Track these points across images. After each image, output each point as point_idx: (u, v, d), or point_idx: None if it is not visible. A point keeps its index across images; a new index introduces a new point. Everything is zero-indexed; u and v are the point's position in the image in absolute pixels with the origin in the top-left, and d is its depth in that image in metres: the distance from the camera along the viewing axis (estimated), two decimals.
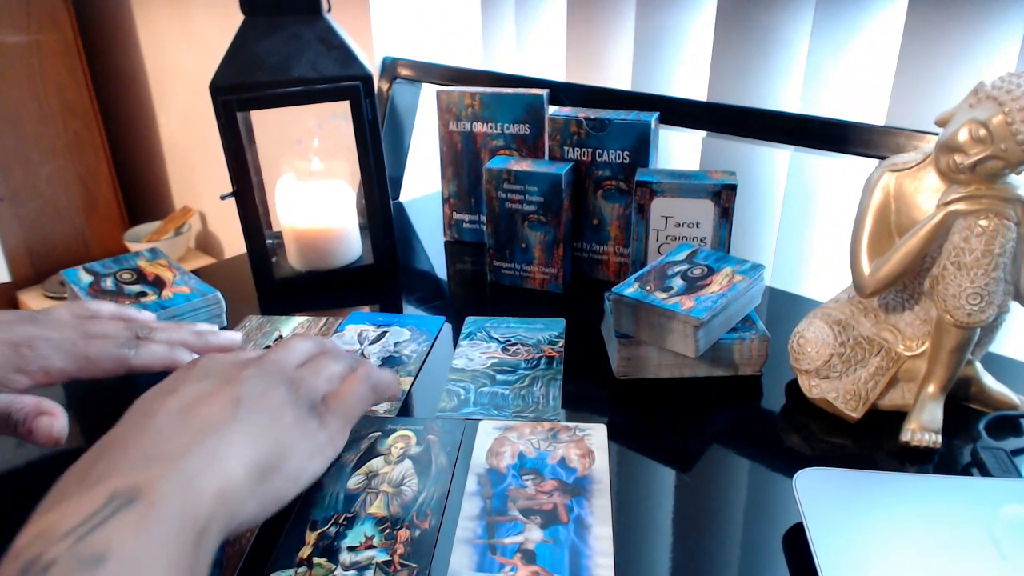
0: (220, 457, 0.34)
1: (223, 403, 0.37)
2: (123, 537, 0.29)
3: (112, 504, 0.30)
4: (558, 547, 0.42)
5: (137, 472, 0.31)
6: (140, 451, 0.33)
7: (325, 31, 0.71)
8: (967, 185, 0.47)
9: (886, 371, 0.53)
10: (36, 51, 1.96)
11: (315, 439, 0.40)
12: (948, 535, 0.40)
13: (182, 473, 0.32)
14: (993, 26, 0.64)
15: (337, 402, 0.43)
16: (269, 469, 0.36)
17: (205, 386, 0.38)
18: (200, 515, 0.32)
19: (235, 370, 0.40)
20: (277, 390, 0.40)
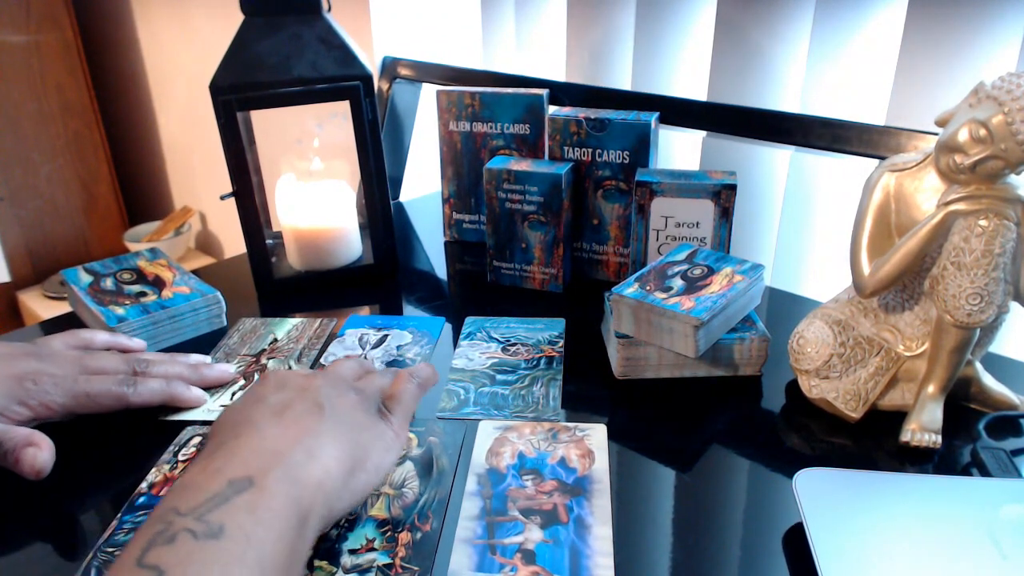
0: (317, 454, 0.38)
1: (309, 408, 0.41)
2: (238, 515, 0.33)
3: (230, 489, 0.34)
4: (558, 547, 0.42)
5: (250, 464, 0.36)
6: (251, 448, 0.37)
7: (325, 31, 0.71)
8: (967, 185, 0.47)
9: (886, 371, 0.53)
10: (36, 51, 1.96)
11: (385, 436, 0.43)
12: (948, 535, 0.40)
13: (288, 465, 0.36)
14: (993, 26, 0.64)
15: (394, 402, 0.46)
16: (355, 465, 0.40)
17: (287, 395, 0.42)
18: (303, 502, 0.36)
19: (305, 381, 0.44)
20: (347, 395, 0.43)
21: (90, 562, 0.41)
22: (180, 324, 0.66)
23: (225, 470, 0.35)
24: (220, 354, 0.63)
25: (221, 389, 0.58)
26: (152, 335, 0.65)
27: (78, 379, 0.51)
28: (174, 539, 0.31)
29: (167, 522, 0.32)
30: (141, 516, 0.45)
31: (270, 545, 0.32)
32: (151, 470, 0.49)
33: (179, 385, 0.55)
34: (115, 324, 0.62)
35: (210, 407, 0.56)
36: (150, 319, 0.64)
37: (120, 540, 0.43)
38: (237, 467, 0.35)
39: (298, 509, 0.35)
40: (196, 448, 0.51)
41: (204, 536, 0.31)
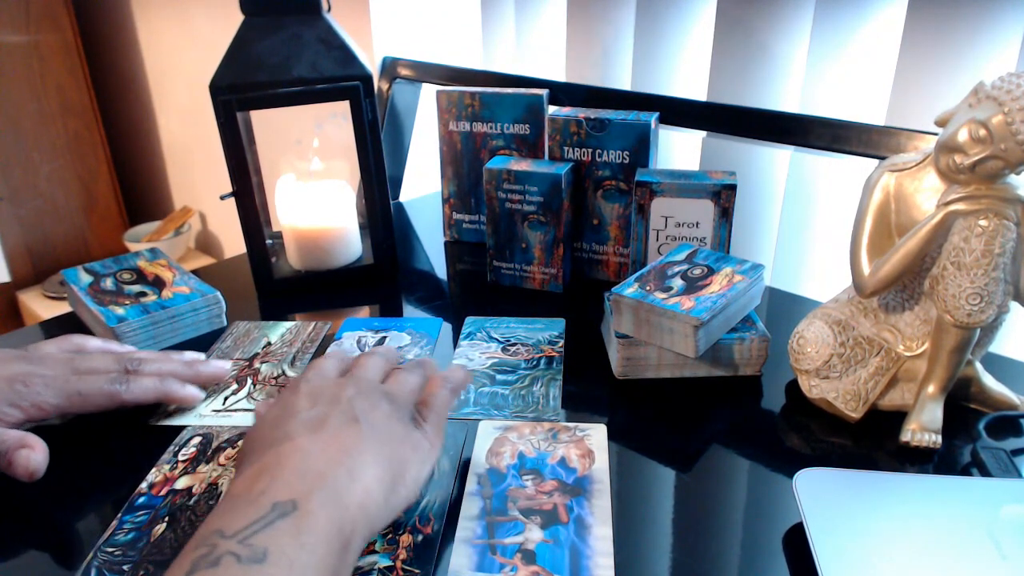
0: (359, 475, 0.38)
1: (345, 422, 0.40)
2: (282, 540, 0.33)
3: (274, 512, 0.34)
4: (558, 547, 0.42)
5: (293, 487, 0.36)
6: (293, 468, 0.37)
7: (325, 31, 0.71)
8: (967, 185, 0.47)
9: (886, 371, 0.53)
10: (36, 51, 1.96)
11: (421, 447, 0.43)
12: (948, 535, 0.40)
13: (331, 489, 0.36)
14: (993, 26, 0.64)
15: (428, 410, 0.45)
16: (395, 481, 0.40)
17: (321, 409, 0.41)
18: (346, 525, 0.36)
19: (336, 390, 0.43)
20: (381, 405, 0.43)
21: (90, 562, 0.41)
22: (180, 324, 0.66)
23: (270, 492, 0.35)
24: (214, 358, 0.63)
25: (215, 393, 0.58)
26: (152, 335, 0.65)
27: (69, 379, 0.51)
28: (218, 562, 0.31)
29: (211, 545, 0.32)
30: (141, 516, 0.45)
31: (312, 570, 0.32)
32: (151, 470, 0.49)
33: (173, 382, 0.55)
34: (115, 324, 0.62)
35: (202, 412, 0.56)
36: (150, 319, 0.64)
37: (120, 540, 0.43)
38: (281, 489, 0.35)
39: (341, 533, 0.35)
40: (196, 448, 0.51)
41: (248, 560, 0.31)
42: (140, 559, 0.41)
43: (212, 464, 0.50)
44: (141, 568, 0.41)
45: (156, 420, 0.55)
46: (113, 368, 0.53)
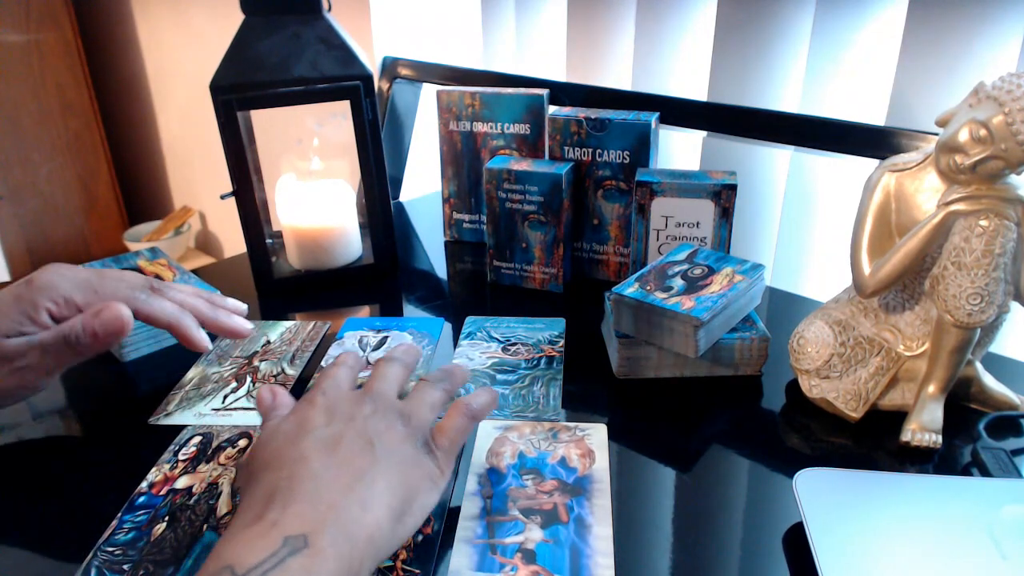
0: (370, 505, 0.38)
1: (360, 447, 0.40)
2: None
3: (285, 548, 0.34)
4: (558, 547, 0.42)
5: (305, 519, 0.35)
6: (305, 497, 0.36)
7: (325, 31, 0.71)
8: (967, 185, 0.47)
9: (886, 371, 0.53)
10: (36, 51, 1.96)
11: (432, 476, 0.42)
12: (948, 535, 0.40)
13: (342, 521, 0.36)
14: (993, 26, 0.64)
15: (443, 437, 0.44)
16: (403, 511, 0.39)
17: (337, 427, 0.41)
18: (355, 558, 0.35)
19: (354, 407, 0.43)
20: (396, 427, 0.42)
21: (90, 561, 0.41)
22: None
23: (281, 524, 0.35)
24: (212, 356, 0.63)
25: (214, 392, 0.58)
26: (152, 335, 0.65)
27: (91, 278, 0.51)
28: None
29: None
30: (141, 515, 0.45)
31: None
32: (151, 470, 0.49)
33: (189, 318, 0.53)
34: None
35: (202, 411, 0.55)
36: None
37: (120, 540, 0.43)
38: (292, 522, 0.35)
39: (350, 566, 0.35)
40: (196, 448, 0.51)
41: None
42: (140, 559, 0.41)
43: (212, 463, 0.50)
44: (141, 568, 0.41)
45: (156, 419, 0.55)
46: (139, 282, 0.53)
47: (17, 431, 0.55)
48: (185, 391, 0.58)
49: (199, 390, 0.58)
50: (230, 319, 0.56)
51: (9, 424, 0.55)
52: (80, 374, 0.62)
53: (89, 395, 0.60)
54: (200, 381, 0.60)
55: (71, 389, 0.61)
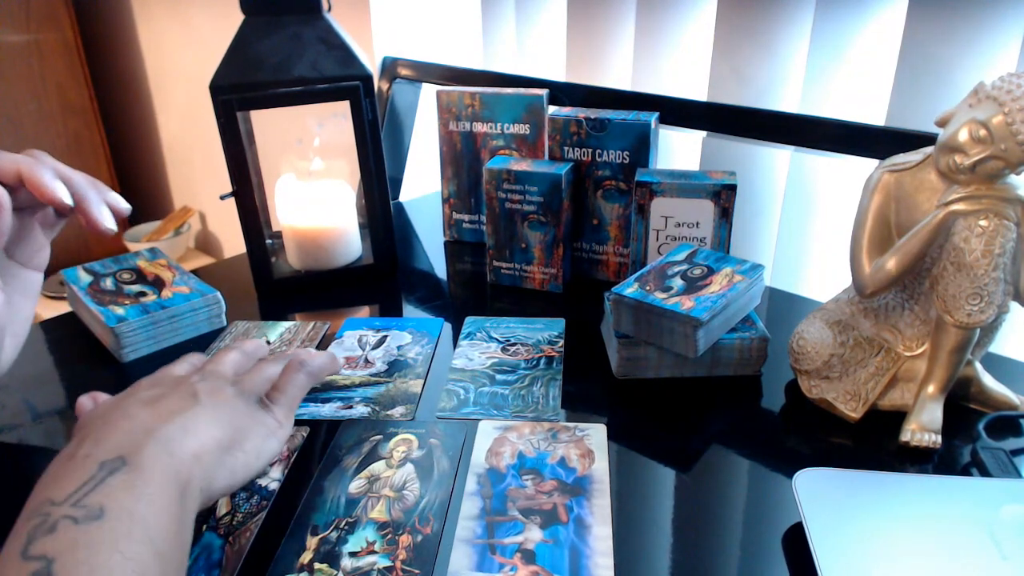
0: (191, 429, 0.38)
1: (183, 396, 0.40)
2: (117, 494, 0.32)
3: (102, 471, 0.33)
4: (558, 547, 0.42)
5: (120, 445, 0.35)
6: (119, 431, 0.36)
7: (325, 31, 0.71)
8: (967, 185, 0.47)
9: (886, 371, 0.53)
10: (36, 51, 1.96)
11: (266, 423, 0.43)
12: (948, 535, 0.40)
13: (161, 441, 0.36)
14: (993, 26, 0.64)
15: (278, 392, 0.45)
16: (233, 445, 0.39)
17: (160, 389, 0.41)
18: (182, 472, 0.35)
19: (181, 379, 0.43)
20: (225, 388, 0.43)
21: None
22: (180, 324, 0.66)
23: (95, 454, 0.34)
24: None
25: None
26: (152, 335, 0.65)
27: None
28: (55, 528, 0.30)
29: (44, 514, 0.31)
30: None
31: (154, 518, 0.32)
32: None
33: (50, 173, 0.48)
34: (115, 324, 0.62)
35: None
36: (150, 319, 0.64)
37: None
38: (107, 450, 0.34)
39: (177, 481, 0.35)
40: None
41: (85, 520, 0.31)
42: None
43: None
44: None
45: None
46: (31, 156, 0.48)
47: (17, 431, 0.55)
48: None
49: None
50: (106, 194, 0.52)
51: (9, 424, 0.55)
52: (80, 374, 0.62)
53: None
54: None
55: (71, 389, 0.61)
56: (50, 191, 0.46)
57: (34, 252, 0.51)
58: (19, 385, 0.60)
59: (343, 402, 0.56)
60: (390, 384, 0.59)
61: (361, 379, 0.60)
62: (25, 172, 0.45)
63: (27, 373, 0.61)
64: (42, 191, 0.45)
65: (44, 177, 0.46)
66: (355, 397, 0.57)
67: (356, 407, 0.56)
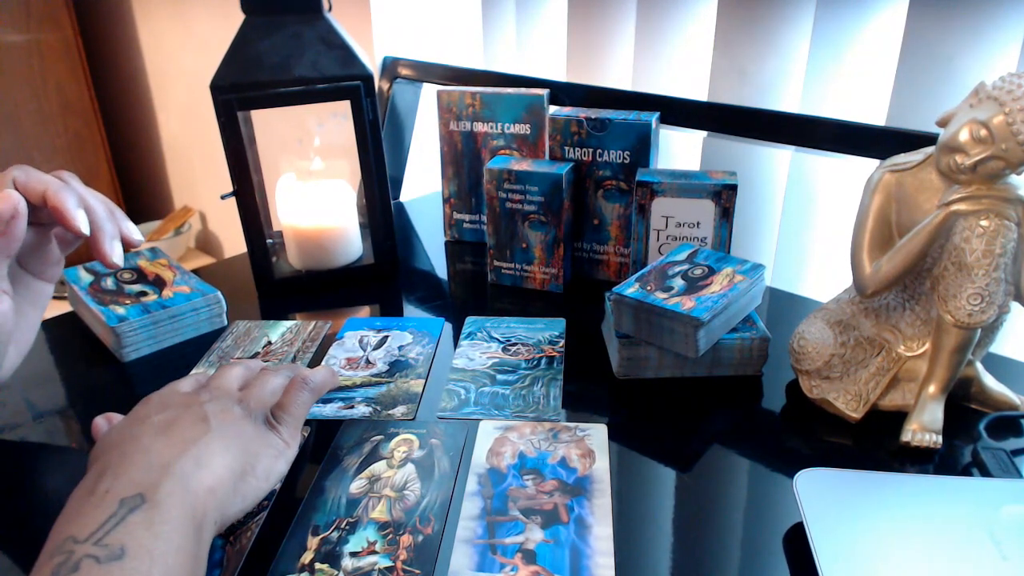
0: (205, 462, 0.38)
1: (194, 421, 0.41)
2: (137, 533, 0.33)
3: (123, 509, 0.34)
4: (558, 547, 0.42)
5: (139, 482, 0.36)
6: (136, 466, 0.37)
7: (326, 31, 0.71)
8: (968, 185, 0.47)
9: (887, 371, 0.53)
10: (36, 50, 1.96)
11: (274, 444, 0.43)
12: (948, 535, 0.40)
13: (177, 476, 0.37)
14: (993, 27, 0.64)
15: (282, 411, 0.45)
16: (245, 471, 0.40)
17: (171, 413, 0.41)
18: (198, 508, 0.36)
19: (189, 398, 0.43)
20: (233, 408, 0.43)
21: None
22: (180, 324, 0.66)
23: (114, 490, 0.35)
24: (214, 357, 0.63)
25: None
26: (152, 335, 0.65)
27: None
28: (78, 567, 0.31)
29: (67, 552, 0.32)
30: None
31: (172, 557, 0.33)
32: None
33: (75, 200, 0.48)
34: (115, 324, 0.62)
35: None
36: (150, 319, 0.64)
37: None
38: (126, 486, 0.35)
39: (193, 517, 0.36)
40: None
41: (107, 559, 0.31)
42: None
43: None
44: None
45: None
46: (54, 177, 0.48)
47: (17, 431, 0.55)
48: None
49: None
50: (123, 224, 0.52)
51: (9, 424, 0.55)
52: (81, 374, 0.63)
53: (89, 395, 0.60)
54: None
55: (71, 389, 0.61)
56: (70, 218, 0.47)
57: (48, 265, 0.52)
58: (20, 384, 0.60)
59: (344, 402, 0.56)
60: (391, 384, 0.59)
61: (362, 379, 0.60)
62: (51, 195, 0.46)
63: (28, 372, 0.61)
64: (63, 216, 0.47)
65: (68, 204, 0.47)
66: (356, 397, 0.57)
67: (357, 407, 0.56)
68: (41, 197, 0.46)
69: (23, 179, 0.47)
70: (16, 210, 0.45)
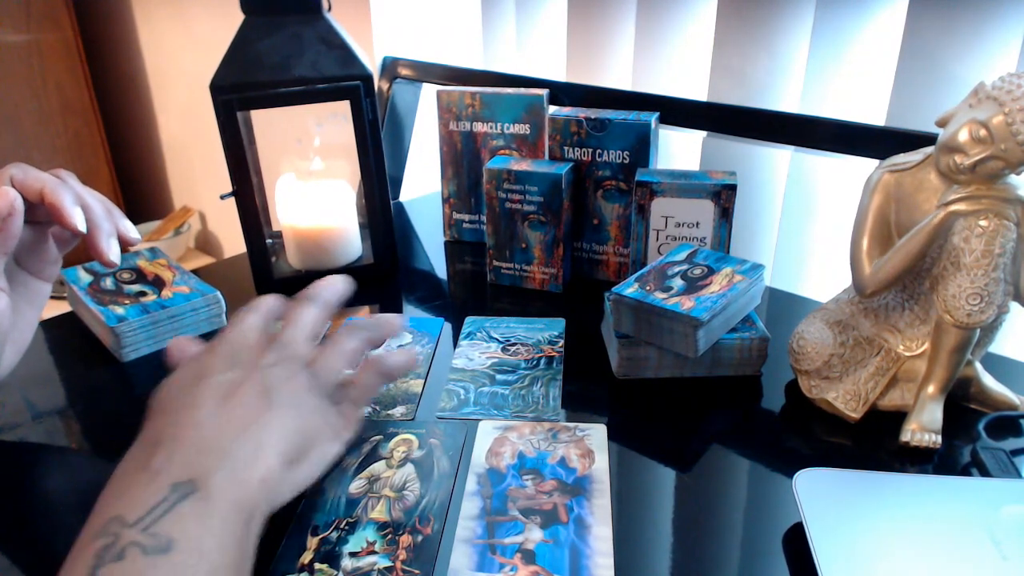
0: (261, 450, 0.37)
1: (256, 394, 0.39)
2: (186, 525, 0.32)
3: (174, 495, 0.33)
4: (558, 547, 0.42)
5: (192, 465, 0.35)
6: (192, 444, 0.36)
7: (325, 31, 0.71)
8: (967, 185, 0.47)
9: (886, 371, 0.53)
10: (36, 50, 1.96)
11: (334, 426, 0.42)
12: (948, 535, 0.40)
13: (231, 466, 0.36)
14: (993, 26, 0.64)
15: (352, 389, 0.44)
16: (298, 457, 0.39)
17: (234, 375, 0.40)
18: (248, 502, 0.35)
19: (255, 355, 0.42)
20: (299, 377, 0.42)
21: None
22: (180, 324, 0.66)
23: (167, 471, 0.34)
24: None
25: None
26: (152, 335, 0.65)
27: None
28: (123, 555, 0.30)
29: (113, 534, 0.31)
30: None
31: (219, 553, 0.32)
32: None
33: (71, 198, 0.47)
34: (115, 324, 0.62)
35: None
36: (150, 319, 0.64)
37: None
38: (179, 468, 0.34)
39: (242, 510, 0.35)
40: None
41: (154, 551, 0.31)
42: None
43: None
44: None
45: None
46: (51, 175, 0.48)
47: (17, 431, 0.55)
48: None
49: None
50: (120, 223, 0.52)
51: (9, 424, 0.55)
52: (80, 374, 0.62)
53: (89, 395, 0.60)
54: None
55: (70, 389, 0.61)
56: (67, 216, 0.47)
57: (46, 264, 0.52)
58: (19, 384, 0.60)
59: None
60: (390, 384, 0.59)
61: None
62: (48, 193, 0.46)
63: (27, 372, 0.61)
64: (60, 214, 0.46)
65: (64, 201, 0.46)
66: None
67: None
68: (38, 195, 0.46)
69: (21, 177, 0.46)
70: (13, 206, 0.45)
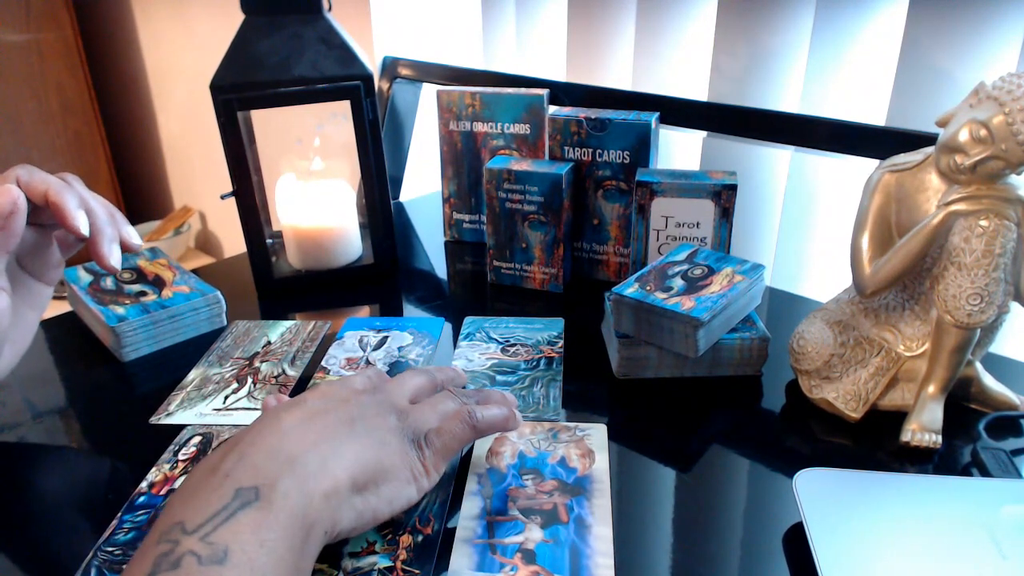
0: (330, 463, 0.37)
1: (340, 419, 0.40)
2: (243, 536, 0.32)
3: (236, 501, 0.33)
4: (558, 547, 0.42)
5: (259, 470, 0.35)
6: (264, 450, 0.36)
7: (325, 31, 0.71)
8: (967, 185, 0.47)
9: (886, 371, 0.53)
10: (36, 50, 1.96)
11: (414, 469, 0.41)
12: (948, 535, 0.40)
13: (298, 474, 0.35)
14: (993, 26, 0.64)
15: (438, 438, 0.43)
16: (368, 484, 0.38)
17: (326, 403, 0.41)
18: (309, 515, 0.35)
19: (353, 395, 0.43)
20: (388, 417, 0.42)
21: (90, 561, 0.41)
22: (180, 324, 0.66)
23: (234, 475, 0.34)
24: (213, 357, 0.63)
25: (215, 393, 0.58)
26: (152, 335, 0.65)
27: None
28: (179, 563, 0.31)
29: (173, 541, 0.31)
30: (141, 516, 0.45)
31: (272, 570, 0.32)
32: (151, 470, 0.49)
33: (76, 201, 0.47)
34: (115, 323, 0.62)
35: (202, 411, 0.55)
36: (150, 319, 0.64)
37: (120, 539, 0.43)
38: (245, 473, 0.34)
39: (303, 525, 0.34)
40: (196, 448, 0.51)
41: (208, 561, 0.31)
42: None
43: None
44: None
45: (157, 419, 0.55)
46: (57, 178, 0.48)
47: (17, 431, 0.55)
48: (187, 392, 0.58)
49: (200, 391, 0.58)
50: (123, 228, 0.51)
51: (9, 424, 0.56)
52: (80, 373, 0.63)
53: (89, 395, 0.60)
54: (201, 382, 0.60)
55: (71, 389, 0.61)
56: (71, 219, 0.47)
57: (48, 267, 0.52)
58: (19, 384, 0.60)
59: None
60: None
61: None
62: (52, 195, 0.46)
63: (27, 372, 0.61)
64: (63, 216, 0.46)
65: (68, 204, 0.47)
66: None
67: None
68: (43, 196, 0.46)
69: (26, 178, 0.47)
70: (16, 205, 0.45)
